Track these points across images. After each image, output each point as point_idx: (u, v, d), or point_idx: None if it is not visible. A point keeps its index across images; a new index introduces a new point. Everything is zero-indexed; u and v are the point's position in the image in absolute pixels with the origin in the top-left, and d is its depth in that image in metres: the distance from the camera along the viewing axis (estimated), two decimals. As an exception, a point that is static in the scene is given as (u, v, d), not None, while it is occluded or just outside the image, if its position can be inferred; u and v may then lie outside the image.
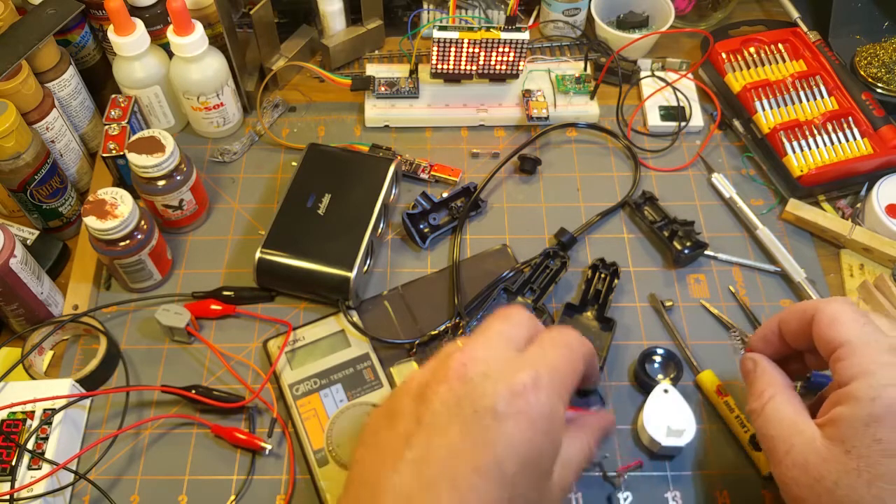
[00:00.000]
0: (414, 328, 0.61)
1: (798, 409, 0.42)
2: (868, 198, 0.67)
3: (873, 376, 0.38)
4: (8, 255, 0.55)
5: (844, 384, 0.39)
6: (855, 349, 0.40)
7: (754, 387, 0.45)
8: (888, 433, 0.37)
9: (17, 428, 0.53)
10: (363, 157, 0.68)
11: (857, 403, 0.38)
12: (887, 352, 0.39)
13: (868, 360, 0.39)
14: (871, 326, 0.41)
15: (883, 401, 0.37)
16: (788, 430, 0.41)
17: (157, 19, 0.70)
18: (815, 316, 0.42)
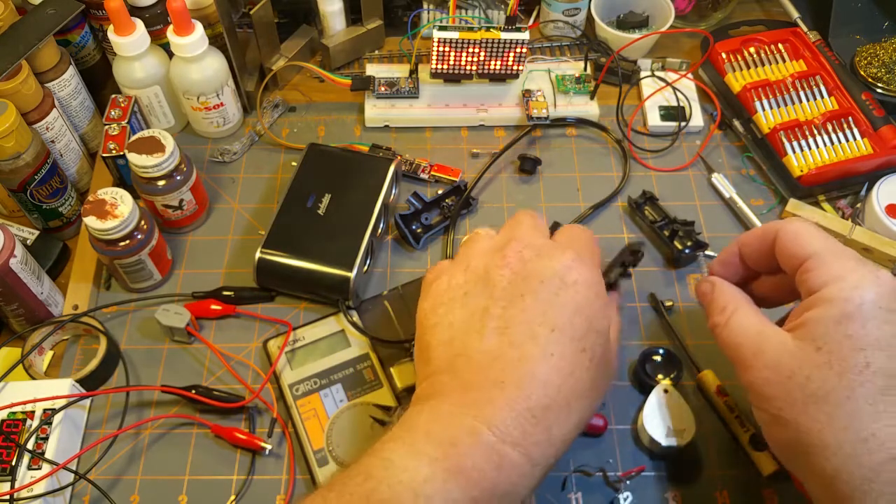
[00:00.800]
0: (414, 328, 0.61)
1: (763, 319, 0.44)
2: (868, 198, 0.67)
3: (844, 280, 0.40)
4: (8, 255, 0.55)
5: (815, 291, 0.41)
6: (824, 259, 0.42)
7: (716, 303, 0.47)
8: (858, 328, 0.39)
9: (17, 428, 0.53)
10: (363, 157, 0.68)
11: (828, 304, 0.40)
12: (853, 259, 0.42)
13: (838, 266, 0.41)
14: (833, 239, 0.43)
15: (854, 300, 0.40)
16: (756, 336, 0.43)
17: (157, 19, 0.70)
18: (779, 234, 0.45)
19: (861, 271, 0.41)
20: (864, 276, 0.40)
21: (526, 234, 0.49)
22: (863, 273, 0.41)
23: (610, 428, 0.57)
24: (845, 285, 0.40)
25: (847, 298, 0.40)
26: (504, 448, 0.40)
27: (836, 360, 0.39)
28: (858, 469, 0.38)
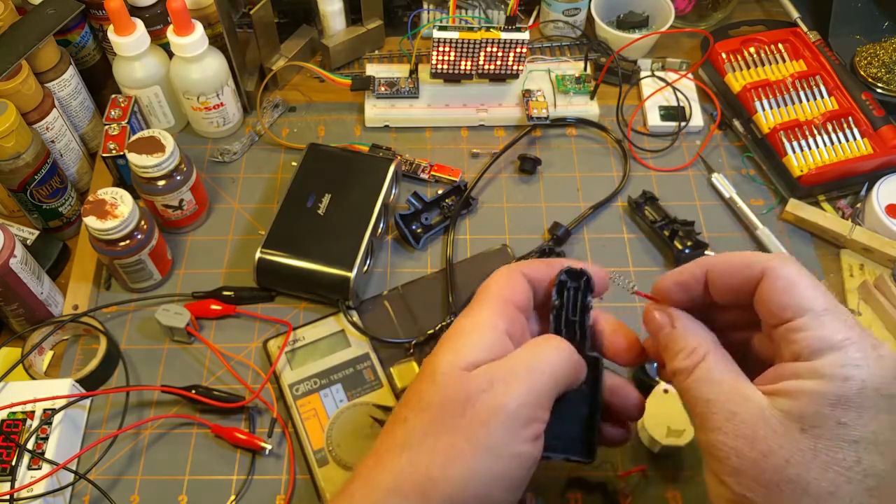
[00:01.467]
0: (414, 328, 0.61)
1: (737, 372, 0.37)
2: (868, 198, 0.67)
3: (845, 353, 0.34)
4: (8, 255, 0.55)
5: (804, 357, 0.35)
6: (821, 321, 0.35)
7: (678, 344, 0.39)
8: (854, 417, 0.33)
9: (17, 428, 0.53)
10: (363, 157, 0.68)
11: (822, 381, 0.34)
12: (855, 327, 0.35)
13: (838, 334, 0.34)
14: (831, 296, 0.36)
15: (853, 382, 0.33)
16: (729, 395, 0.36)
17: (157, 19, 0.70)
18: (767, 276, 0.37)
19: (863, 346, 0.34)
20: (867, 353, 0.34)
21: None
22: (865, 348, 0.34)
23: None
24: (846, 362, 0.34)
25: (846, 378, 0.33)
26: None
27: (824, 449, 0.33)
28: None
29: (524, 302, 0.44)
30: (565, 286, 0.44)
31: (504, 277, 0.44)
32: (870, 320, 0.62)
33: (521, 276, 0.44)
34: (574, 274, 0.44)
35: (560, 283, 0.44)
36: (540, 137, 0.75)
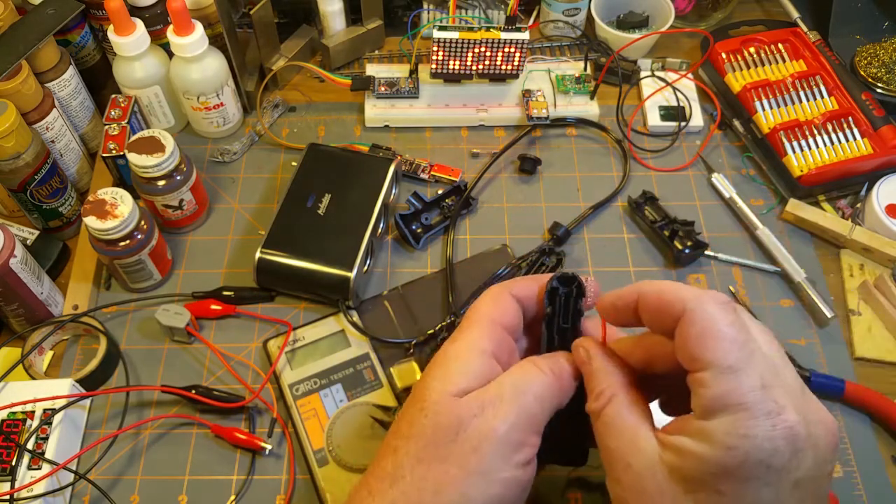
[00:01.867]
0: (414, 328, 0.61)
1: (638, 417, 0.37)
2: (868, 198, 0.67)
3: (735, 419, 0.33)
4: (8, 255, 0.55)
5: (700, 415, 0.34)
6: (721, 380, 0.34)
7: (591, 384, 0.40)
8: (733, 486, 0.33)
9: (17, 428, 0.53)
10: (363, 157, 0.68)
11: (710, 446, 0.33)
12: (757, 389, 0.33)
13: (734, 398, 0.33)
14: (745, 349, 0.34)
15: (738, 453, 0.32)
16: (628, 446, 0.37)
17: (157, 19, 0.70)
18: (684, 319, 0.35)
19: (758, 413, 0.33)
20: (759, 423, 0.32)
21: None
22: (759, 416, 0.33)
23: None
24: (734, 429, 0.33)
25: (730, 447, 0.32)
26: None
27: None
28: None
29: (513, 322, 0.44)
30: (557, 293, 0.43)
31: (492, 298, 0.44)
32: (870, 320, 0.62)
33: (509, 296, 0.44)
34: (565, 280, 0.43)
35: (552, 289, 0.43)
36: (540, 137, 0.75)
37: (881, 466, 0.55)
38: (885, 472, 0.55)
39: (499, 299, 0.44)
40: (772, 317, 0.63)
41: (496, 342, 0.42)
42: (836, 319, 0.62)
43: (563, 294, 0.43)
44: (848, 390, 0.57)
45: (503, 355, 0.43)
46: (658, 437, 0.36)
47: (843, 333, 0.62)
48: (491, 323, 0.43)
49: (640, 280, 0.64)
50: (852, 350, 0.61)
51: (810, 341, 0.61)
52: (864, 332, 0.62)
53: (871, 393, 0.57)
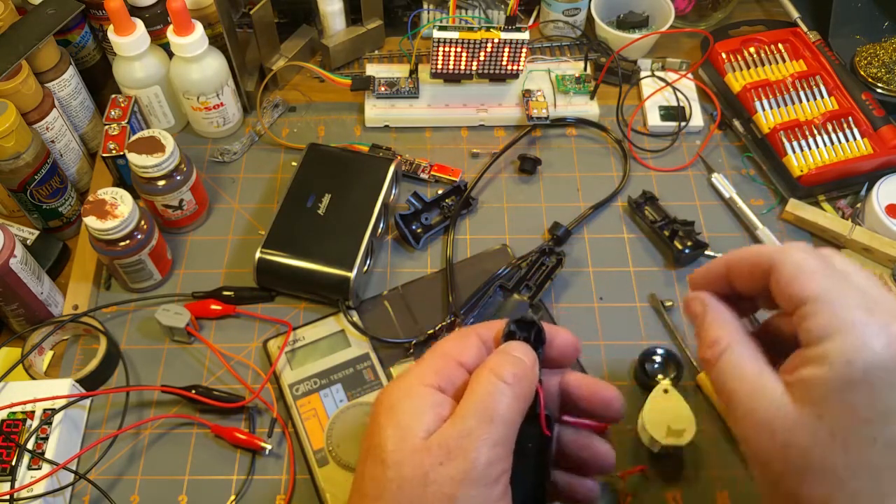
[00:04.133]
0: (414, 328, 0.61)
1: (759, 361, 0.38)
2: (868, 198, 0.67)
3: (847, 337, 0.34)
4: (8, 255, 0.55)
5: (814, 343, 0.35)
6: (824, 306, 0.35)
7: (707, 332, 0.40)
8: (863, 398, 0.34)
9: (17, 428, 0.53)
10: (363, 157, 0.68)
11: (830, 366, 0.34)
12: (858, 308, 0.35)
13: (840, 318, 0.35)
14: (837, 278, 0.36)
15: (858, 364, 0.34)
16: (750, 387, 0.37)
17: (157, 19, 0.70)
18: (774, 269, 0.38)
19: (869, 325, 0.34)
20: (872, 333, 0.34)
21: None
22: (870, 328, 0.34)
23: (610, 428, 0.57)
24: (848, 344, 0.34)
25: (850, 361, 0.34)
26: None
27: (840, 432, 0.34)
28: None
29: (471, 360, 0.41)
30: (514, 337, 0.41)
31: (455, 336, 0.42)
32: (870, 320, 0.62)
33: (474, 336, 0.42)
34: (523, 324, 0.41)
35: (509, 333, 0.41)
36: (540, 137, 0.75)
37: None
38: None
39: (461, 338, 0.42)
40: (772, 317, 0.63)
41: (445, 376, 0.39)
42: (836, 319, 0.62)
43: (522, 339, 0.41)
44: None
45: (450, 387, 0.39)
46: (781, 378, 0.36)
47: (843, 333, 0.62)
48: (443, 357, 0.40)
49: (640, 280, 0.65)
50: (852, 350, 0.61)
51: (810, 341, 0.61)
52: (864, 332, 0.61)
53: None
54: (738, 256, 0.40)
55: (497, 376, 0.38)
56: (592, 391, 0.43)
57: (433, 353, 0.41)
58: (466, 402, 0.37)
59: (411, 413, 0.38)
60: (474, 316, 0.61)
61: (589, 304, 0.64)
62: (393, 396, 0.39)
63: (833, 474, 0.34)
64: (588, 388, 0.43)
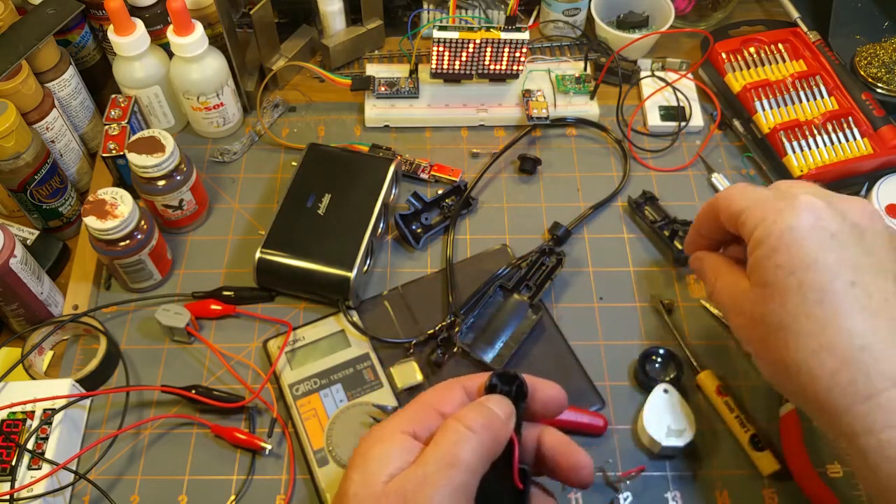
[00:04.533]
0: (414, 328, 0.61)
1: (737, 272, 0.48)
2: (868, 198, 0.67)
3: (767, 218, 0.44)
4: (8, 255, 0.55)
5: (749, 238, 0.45)
6: (751, 209, 0.46)
7: (705, 274, 0.51)
8: (784, 258, 0.43)
9: (17, 428, 0.53)
10: (363, 157, 0.68)
11: (759, 245, 0.44)
12: (772, 200, 0.45)
13: (761, 211, 0.45)
14: (759, 190, 0.47)
15: (775, 233, 0.43)
16: (731, 291, 0.48)
17: (157, 19, 0.70)
18: (717, 203, 0.49)
19: (781, 205, 0.44)
20: (783, 209, 0.44)
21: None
22: (782, 206, 0.44)
23: (610, 428, 0.57)
24: (768, 222, 0.44)
25: (769, 233, 0.44)
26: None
27: (776, 292, 0.43)
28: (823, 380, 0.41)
29: (451, 409, 0.41)
30: (496, 390, 0.41)
31: (440, 386, 0.43)
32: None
33: (459, 388, 0.42)
34: (505, 378, 0.41)
35: (490, 386, 0.41)
36: (540, 137, 0.75)
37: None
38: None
39: (445, 388, 0.42)
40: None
41: (422, 424, 0.40)
42: (836, 319, 0.62)
43: (503, 393, 0.41)
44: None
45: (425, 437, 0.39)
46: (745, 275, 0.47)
47: (843, 333, 0.62)
48: (424, 406, 0.41)
49: (640, 280, 0.65)
50: (852, 350, 0.61)
51: (810, 341, 0.61)
52: (864, 332, 0.61)
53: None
54: (700, 213, 0.52)
55: (463, 424, 0.38)
56: (565, 452, 0.43)
57: (416, 401, 0.42)
58: (430, 448, 0.38)
59: (378, 458, 0.38)
60: (474, 316, 0.61)
61: (589, 304, 0.64)
62: (367, 442, 0.39)
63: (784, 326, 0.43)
64: (561, 448, 0.43)
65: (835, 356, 0.41)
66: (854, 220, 0.44)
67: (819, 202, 0.44)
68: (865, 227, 0.44)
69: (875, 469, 0.40)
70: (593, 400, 0.58)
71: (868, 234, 0.44)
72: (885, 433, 0.39)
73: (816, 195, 0.45)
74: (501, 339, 0.60)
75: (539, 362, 0.60)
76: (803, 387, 0.42)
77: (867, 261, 0.43)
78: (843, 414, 0.41)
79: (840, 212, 0.44)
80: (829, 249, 0.42)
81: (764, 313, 0.44)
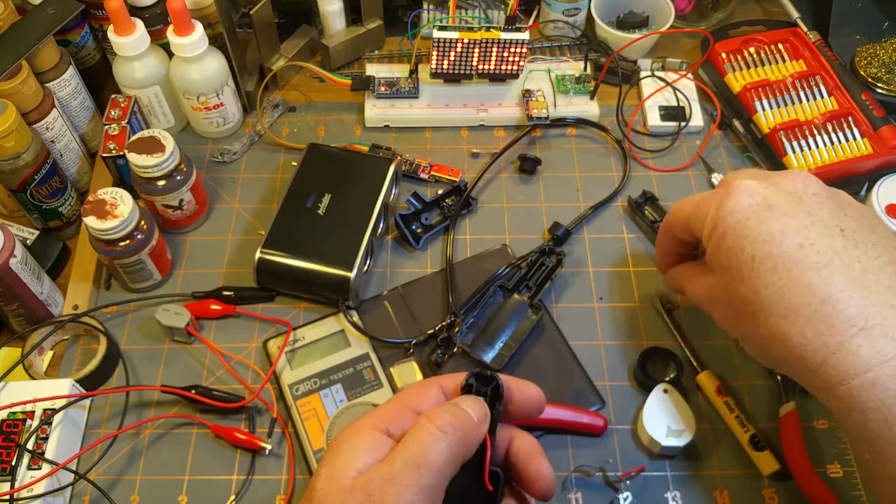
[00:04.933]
0: (414, 328, 0.61)
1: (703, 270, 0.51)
2: (868, 198, 0.67)
3: (708, 213, 0.48)
4: (8, 255, 0.55)
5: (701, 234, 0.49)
6: (695, 211, 0.50)
7: (681, 286, 0.55)
8: (732, 239, 0.46)
9: (17, 428, 0.53)
10: (363, 157, 0.68)
11: (710, 237, 0.48)
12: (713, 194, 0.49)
13: (704, 208, 0.49)
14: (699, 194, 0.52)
15: (719, 221, 0.47)
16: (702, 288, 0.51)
17: (157, 19, 0.70)
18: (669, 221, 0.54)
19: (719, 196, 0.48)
20: (722, 197, 0.47)
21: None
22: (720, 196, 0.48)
23: (610, 428, 0.57)
24: (711, 214, 0.48)
25: (715, 222, 0.47)
26: None
27: (735, 273, 0.46)
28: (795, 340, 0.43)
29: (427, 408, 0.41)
30: (472, 391, 0.41)
31: (417, 385, 0.43)
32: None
33: (436, 386, 0.42)
34: (483, 379, 0.41)
35: (467, 386, 0.41)
36: (540, 137, 0.75)
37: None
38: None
39: (421, 387, 0.42)
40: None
41: (395, 422, 0.39)
42: (836, 319, 0.62)
43: (479, 393, 0.41)
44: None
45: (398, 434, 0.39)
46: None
47: (843, 333, 0.62)
48: (399, 403, 0.41)
49: (640, 280, 0.65)
50: (852, 350, 0.61)
51: (810, 341, 0.61)
52: (864, 332, 0.61)
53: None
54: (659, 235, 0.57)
55: (434, 424, 0.38)
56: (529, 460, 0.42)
57: (393, 399, 0.42)
58: (399, 447, 0.37)
59: (348, 453, 0.38)
60: (474, 316, 0.61)
61: (589, 304, 0.64)
62: (340, 437, 0.39)
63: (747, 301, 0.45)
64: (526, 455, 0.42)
65: (799, 315, 0.43)
66: (788, 188, 0.47)
67: (752, 182, 0.47)
68: (800, 191, 0.47)
69: (848, 416, 0.42)
70: (593, 400, 0.58)
71: (805, 198, 0.46)
72: (855, 380, 0.41)
73: (752, 177, 0.48)
74: (501, 339, 0.60)
75: (539, 362, 0.60)
76: (783, 353, 0.44)
77: (810, 221, 0.45)
78: (819, 369, 0.43)
79: (773, 184, 0.47)
80: (770, 220, 0.45)
81: (730, 297, 0.47)
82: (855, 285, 0.43)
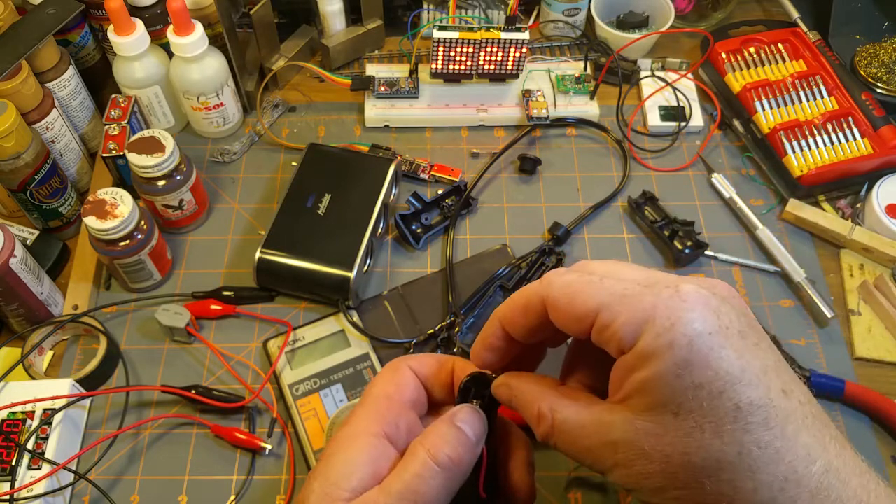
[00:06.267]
0: (414, 328, 0.61)
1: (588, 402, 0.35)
2: (868, 198, 0.67)
3: (654, 322, 0.31)
4: (8, 255, 0.55)
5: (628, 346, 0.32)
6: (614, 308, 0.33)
7: (527, 412, 0.37)
8: (706, 374, 0.31)
9: (17, 428, 0.53)
10: (363, 157, 0.68)
11: (656, 359, 0.31)
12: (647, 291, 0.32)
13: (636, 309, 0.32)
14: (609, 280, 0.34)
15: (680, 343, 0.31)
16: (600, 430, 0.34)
17: (157, 19, 0.70)
18: (547, 301, 0.35)
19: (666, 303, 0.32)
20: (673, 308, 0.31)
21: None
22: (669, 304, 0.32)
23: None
24: (660, 329, 0.31)
25: (672, 342, 0.31)
26: None
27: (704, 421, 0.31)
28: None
29: (412, 396, 0.39)
30: (469, 394, 0.38)
31: (388, 373, 0.40)
32: (870, 320, 0.62)
33: (407, 371, 0.40)
34: (479, 381, 0.38)
35: (464, 389, 0.38)
36: (540, 137, 0.75)
37: (881, 466, 0.55)
38: (884, 472, 0.55)
39: (395, 373, 0.40)
40: (772, 317, 0.63)
41: (391, 422, 0.37)
42: (836, 319, 0.62)
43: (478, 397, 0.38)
44: (848, 390, 0.57)
45: (400, 432, 0.38)
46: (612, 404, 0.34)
47: (842, 333, 0.62)
48: (386, 400, 0.39)
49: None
50: (852, 350, 0.61)
51: (810, 341, 0.61)
52: (864, 333, 0.62)
53: (870, 393, 0.57)
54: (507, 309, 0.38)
55: (431, 457, 0.35)
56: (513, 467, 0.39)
57: (373, 397, 0.39)
58: (394, 477, 0.35)
59: (343, 467, 0.36)
60: (474, 316, 0.61)
61: (589, 304, 0.63)
62: (334, 445, 0.37)
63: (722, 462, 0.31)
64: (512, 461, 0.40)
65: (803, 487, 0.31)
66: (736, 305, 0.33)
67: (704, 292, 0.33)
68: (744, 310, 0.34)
69: None
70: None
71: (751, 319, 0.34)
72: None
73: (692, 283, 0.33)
74: (501, 339, 0.60)
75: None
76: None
77: (773, 357, 0.33)
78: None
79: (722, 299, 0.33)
80: (749, 354, 0.31)
81: (686, 451, 0.31)
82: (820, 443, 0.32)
